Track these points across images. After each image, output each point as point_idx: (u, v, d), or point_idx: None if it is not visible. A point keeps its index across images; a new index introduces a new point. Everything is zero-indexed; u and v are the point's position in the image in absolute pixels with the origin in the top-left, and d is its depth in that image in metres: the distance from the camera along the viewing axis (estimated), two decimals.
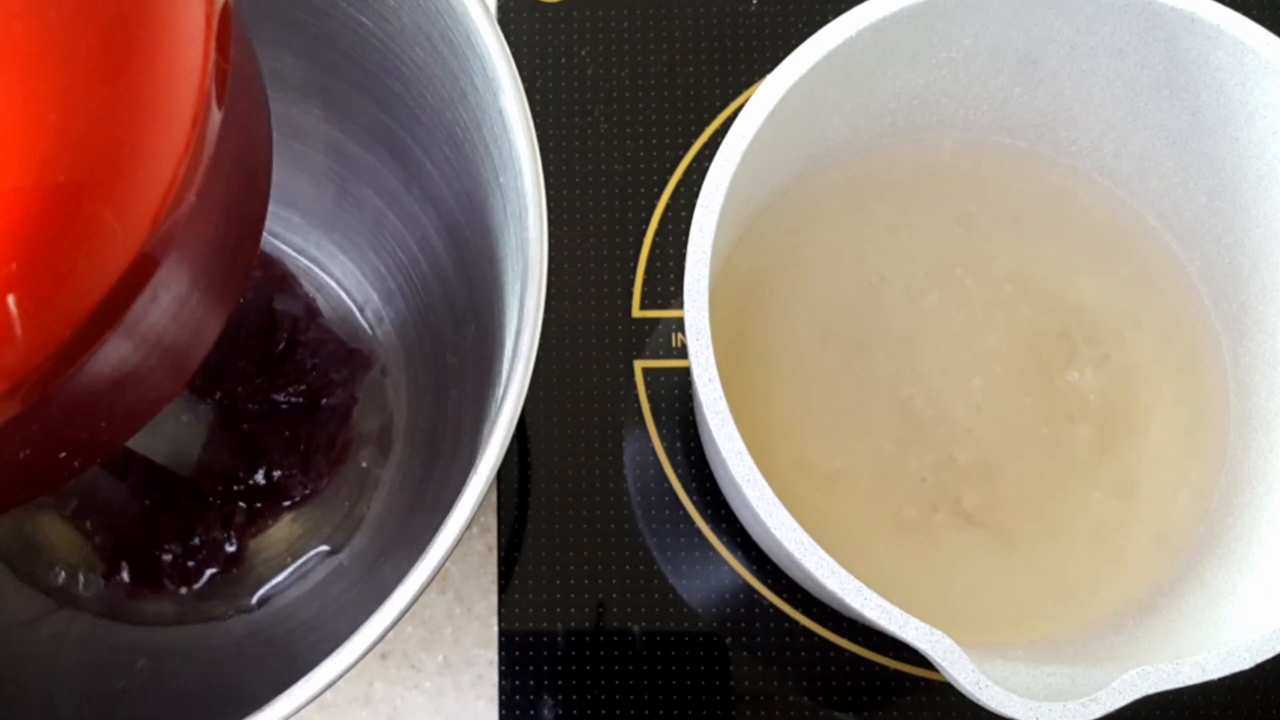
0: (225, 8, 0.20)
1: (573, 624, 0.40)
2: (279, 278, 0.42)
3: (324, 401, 0.41)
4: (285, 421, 0.40)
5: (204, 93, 0.19)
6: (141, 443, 0.37)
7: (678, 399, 0.42)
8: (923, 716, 0.39)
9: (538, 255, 0.27)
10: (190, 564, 0.39)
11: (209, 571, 0.40)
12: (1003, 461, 0.36)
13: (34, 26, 0.17)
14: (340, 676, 0.24)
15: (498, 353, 0.32)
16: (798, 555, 0.28)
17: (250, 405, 0.40)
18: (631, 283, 0.43)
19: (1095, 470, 0.36)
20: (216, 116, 0.19)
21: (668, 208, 0.43)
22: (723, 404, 0.29)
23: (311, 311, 0.41)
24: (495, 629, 0.40)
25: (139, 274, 0.19)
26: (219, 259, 0.22)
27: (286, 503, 0.40)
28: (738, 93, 0.44)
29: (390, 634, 0.25)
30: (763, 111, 0.31)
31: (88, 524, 0.40)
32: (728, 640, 0.40)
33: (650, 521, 0.41)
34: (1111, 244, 0.38)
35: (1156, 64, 0.34)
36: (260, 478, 0.40)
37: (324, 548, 0.41)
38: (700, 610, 0.40)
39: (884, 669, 0.39)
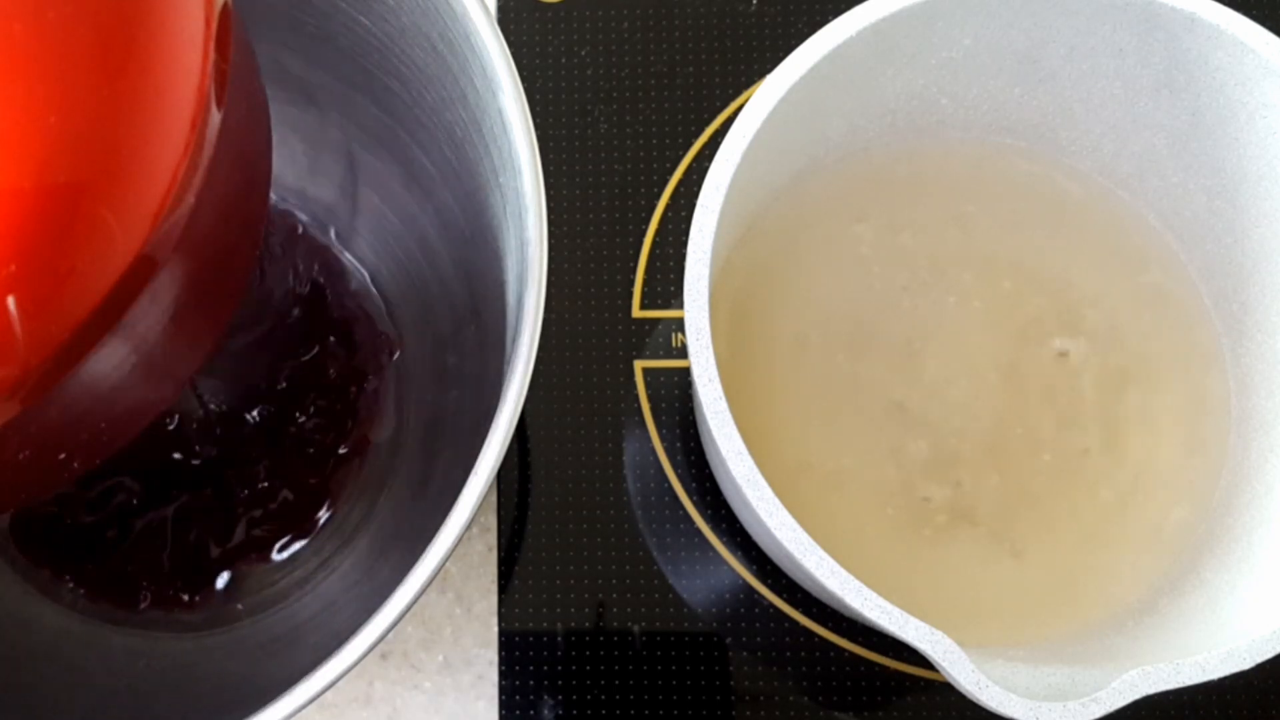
0: (225, 8, 0.20)
1: (573, 624, 0.40)
2: (300, 243, 0.42)
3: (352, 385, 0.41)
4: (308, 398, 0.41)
5: (203, 94, 0.19)
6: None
7: (678, 399, 0.42)
8: (923, 716, 0.39)
9: (538, 255, 0.27)
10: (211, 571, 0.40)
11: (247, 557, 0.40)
12: (1002, 461, 0.36)
13: (34, 27, 0.17)
14: (340, 677, 0.24)
15: (498, 353, 0.32)
16: (798, 555, 0.28)
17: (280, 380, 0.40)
18: (631, 283, 0.43)
19: (1095, 470, 0.36)
20: (216, 117, 0.19)
21: (668, 208, 0.43)
22: (723, 404, 0.29)
23: (337, 276, 0.42)
24: (495, 629, 0.40)
25: (138, 275, 0.19)
26: (218, 260, 0.22)
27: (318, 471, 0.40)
28: (738, 93, 0.44)
29: (390, 634, 0.25)
30: (763, 111, 0.31)
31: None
32: (728, 640, 0.40)
33: (650, 521, 0.41)
34: (1112, 244, 0.38)
35: (1156, 64, 0.34)
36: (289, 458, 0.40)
37: (324, 548, 0.41)
38: (700, 610, 0.40)
39: (884, 669, 0.39)
